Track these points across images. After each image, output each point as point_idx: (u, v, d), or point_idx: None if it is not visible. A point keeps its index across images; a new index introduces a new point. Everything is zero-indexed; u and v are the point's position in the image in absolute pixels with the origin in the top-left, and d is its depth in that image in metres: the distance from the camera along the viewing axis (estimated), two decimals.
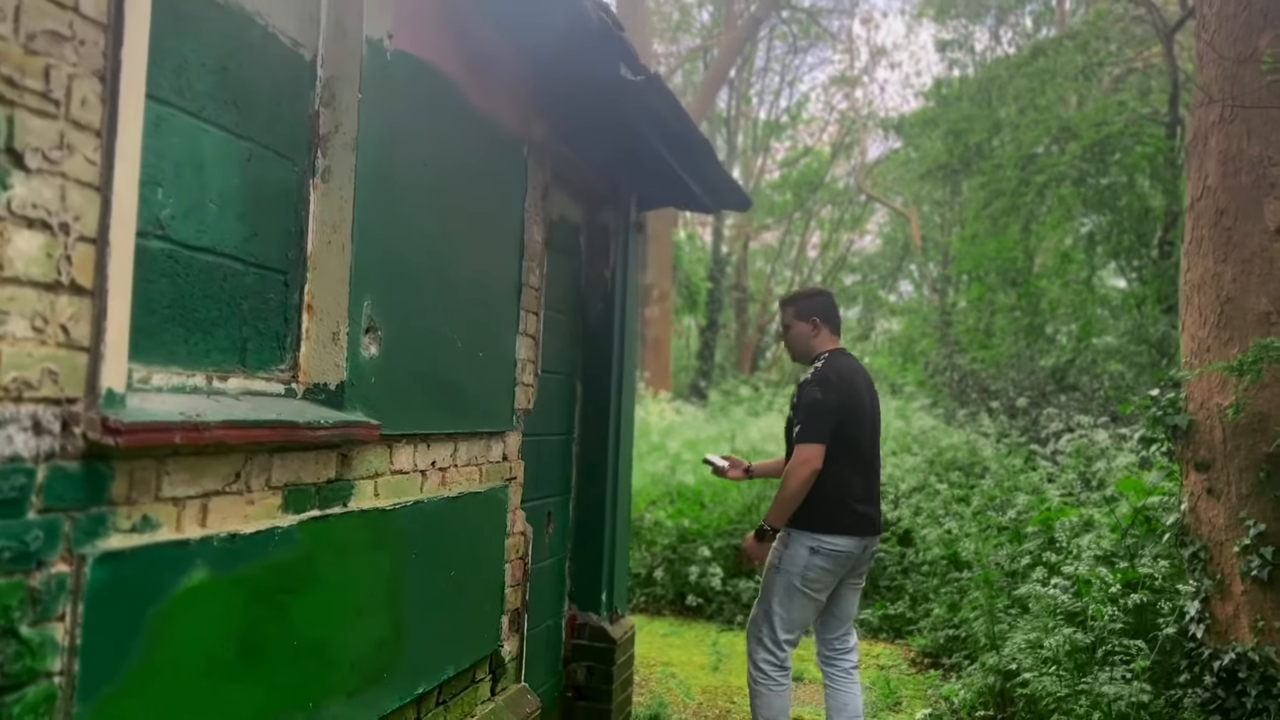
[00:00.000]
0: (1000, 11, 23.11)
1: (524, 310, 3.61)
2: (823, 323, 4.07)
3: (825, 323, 4.08)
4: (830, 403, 3.80)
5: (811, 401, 3.81)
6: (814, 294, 4.20)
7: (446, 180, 2.94)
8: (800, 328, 4.08)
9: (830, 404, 3.80)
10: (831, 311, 4.13)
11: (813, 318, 4.06)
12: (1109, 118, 11.53)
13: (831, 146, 31.64)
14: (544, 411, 4.25)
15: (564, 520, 4.63)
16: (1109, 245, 12.25)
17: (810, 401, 3.81)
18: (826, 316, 4.09)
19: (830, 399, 3.80)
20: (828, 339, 4.08)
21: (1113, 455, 6.55)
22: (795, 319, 4.10)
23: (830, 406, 3.80)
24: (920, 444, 8.33)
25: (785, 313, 4.16)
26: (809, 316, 4.07)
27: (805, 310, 4.09)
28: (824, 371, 3.90)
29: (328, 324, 2.46)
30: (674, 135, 3.95)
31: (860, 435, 3.93)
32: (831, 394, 3.82)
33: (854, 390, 3.93)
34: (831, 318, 4.11)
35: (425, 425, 2.86)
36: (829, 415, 3.79)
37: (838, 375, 3.89)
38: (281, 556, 2.21)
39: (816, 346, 4.06)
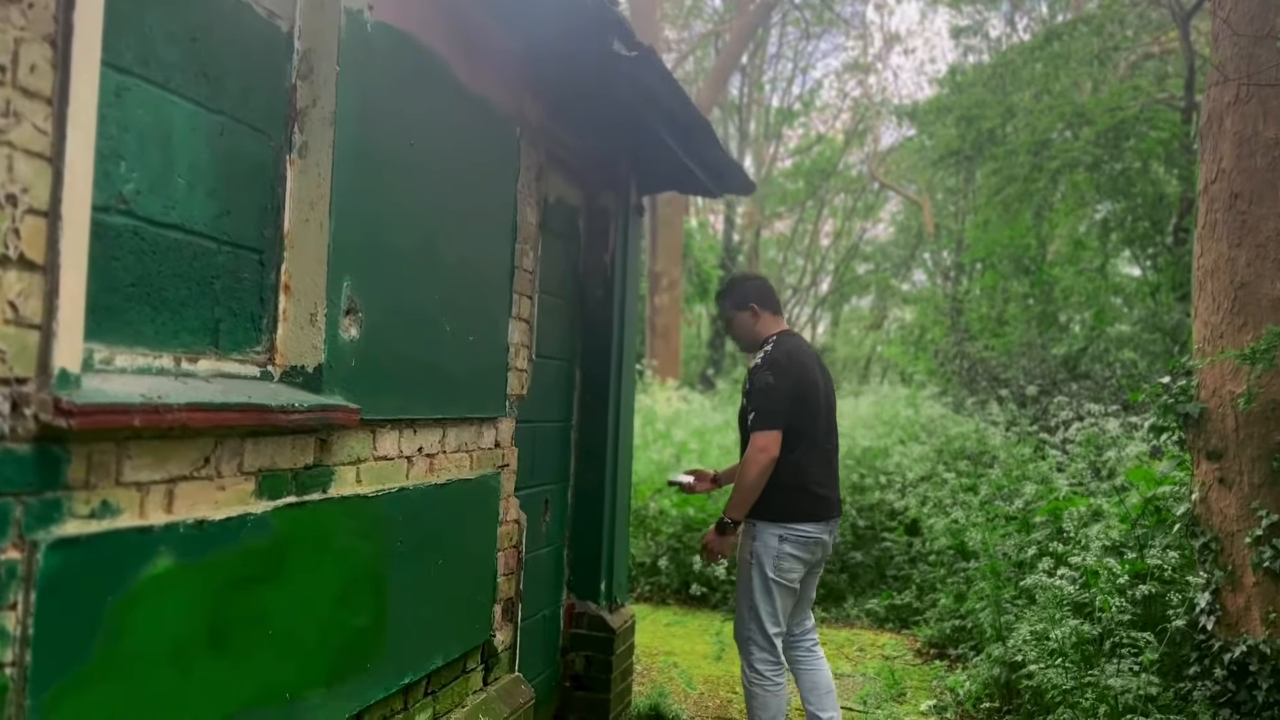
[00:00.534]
0: None
1: (517, 294, 3.53)
2: (761, 307, 4.00)
3: (764, 307, 4.01)
4: (783, 387, 3.73)
5: (765, 387, 3.73)
6: (745, 280, 4.12)
7: (433, 159, 2.86)
8: (740, 317, 4.02)
9: (783, 388, 3.73)
10: (768, 295, 4.05)
11: (750, 304, 3.99)
12: (1123, 103, 11.37)
13: (845, 134, 31.42)
14: (541, 398, 4.18)
15: (562, 508, 4.56)
16: (1123, 232, 12.10)
17: (763, 387, 3.73)
18: (763, 301, 4.02)
19: (783, 383, 3.73)
20: (771, 322, 4.01)
21: (1123, 444, 6.44)
22: (733, 309, 4.03)
23: (784, 391, 3.73)
24: (928, 432, 8.23)
25: (722, 306, 4.10)
26: (745, 304, 4.00)
27: (741, 298, 4.02)
28: (774, 355, 3.82)
29: (305, 305, 2.39)
30: (671, 115, 3.86)
31: (816, 417, 3.88)
32: (784, 378, 3.74)
33: (806, 372, 3.86)
34: (769, 301, 4.04)
35: (411, 410, 2.79)
36: (783, 400, 3.72)
37: (788, 358, 3.82)
38: (255, 544, 2.15)
39: (761, 331, 3.99)
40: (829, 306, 34.37)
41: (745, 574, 3.83)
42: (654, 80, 3.52)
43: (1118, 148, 10.79)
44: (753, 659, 3.85)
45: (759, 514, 3.78)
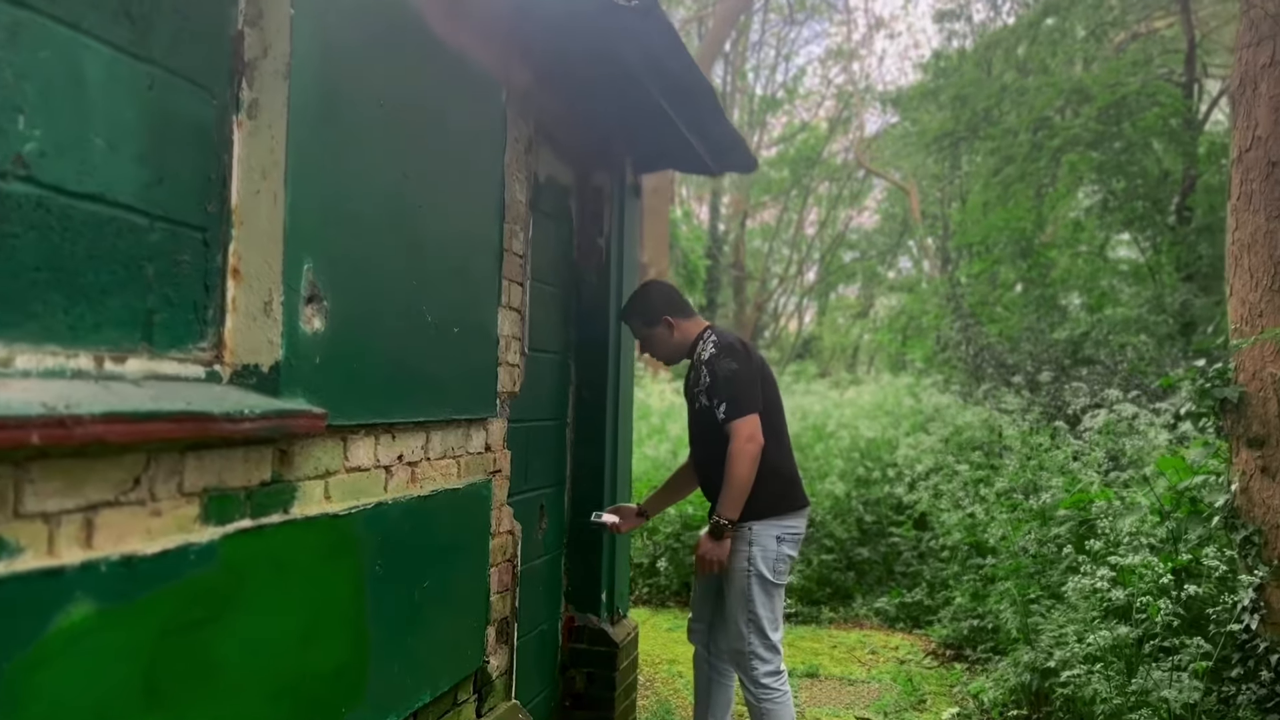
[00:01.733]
0: None
1: (507, 280, 3.17)
2: (675, 316, 3.66)
3: (677, 314, 3.67)
4: (750, 372, 3.43)
5: (729, 374, 3.40)
6: (651, 293, 3.74)
7: (408, 124, 2.49)
8: (655, 334, 3.68)
9: (751, 372, 3.44)
10: (675, 300, 3.72)
11: (662, 317, 3.65)
12: (1122, 78, 11.05)
13: (829, 122, 31.11)
14: (533, 395, 3.82)
15: (558, 514, 4.20)
16: (1122, 212, 11.79)
17: (728, 374, 3.40)
18: (674, 308, 3.69)
19: (746, 367, 3.43)
20: (690, 325, 3.68)
21: (1146, 431, 6.12)
22: (645, 327, 3.69)
23: (752, 375, 3.43)
24: (936, 422, 7.91)
25: (633, 328, 3.77)
26: (657, 318, 3.66)
27: (650, 314, 3.67)
28: (723, 342, 3.50)
29: (258, 292, 2.02)
30: (674, 79, 3.49)
31: (777, 400, 3.63)
32: (745, 361, 3.44)
33: (757, 354, 3.60)
34: (679, 307, 3.71)
35: (389, 413, 2.43)
36: (753, 384, 3.43)
37: (740, 343, 3.53)
38: (200, 578, 1.78)
39: (685, 339, 3.66)
40: (815, 295, 34.11)
41: (741, 583, 3.48)
42: (657, 37, 3.16)
43: (1118, 125, 10.47)
44: (756, 673, 3.50)
45: (752, 513, 3.45)
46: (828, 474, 7.77)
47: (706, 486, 3.70)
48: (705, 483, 3.71)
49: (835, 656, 6.05)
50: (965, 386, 8.88)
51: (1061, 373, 8.25)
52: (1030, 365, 8.57)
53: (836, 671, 5.73)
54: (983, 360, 9.06)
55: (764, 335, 31.43)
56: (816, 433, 8.67)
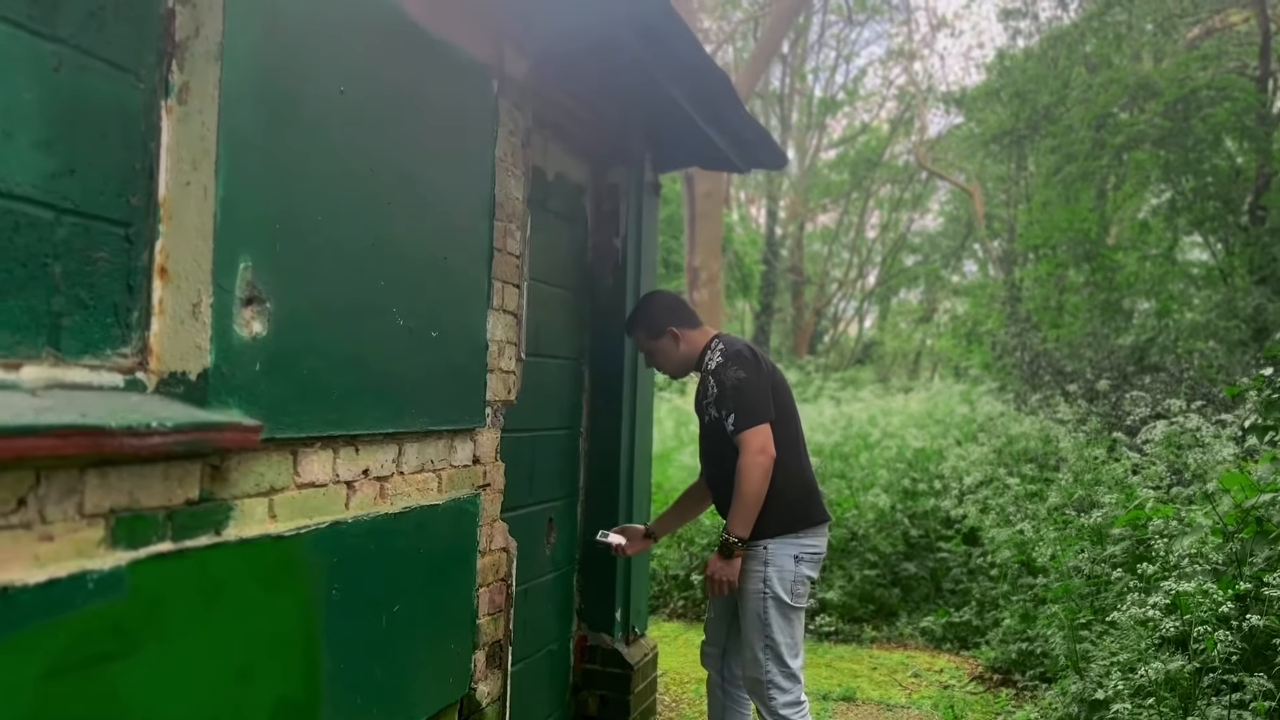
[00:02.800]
0: None
1: (499, 281, 2.97)
2: (680, 327, 3.41)
3: (683, 325, 3.42)
4: (760, 380, 3.19)
5: (737, 383, 3.17)
6: (654, 304, 3.50)
7: (375, 111, 2.31)
8: (659, 345, 3.44)
9: (760, 381, 3.19)
10: (680, 310, 3.47)
11: (667, 329, 3.40)
12: (1191, 73, 10.54)
13: (890, 123, 30.60)
14: (539, 403, 3.63)
15: (570, 527, 4.00)
16: (1192, 213, 11.25)
17: (736, 383, 3.17)
18: (679, 319, 3.43)
19: (755, 375, 3.19)
20: (696, 336, 3.42)
21: (1210, 445, 5.72)
22: (650, 339, 3.45)
23: (762, 383, 3.19)
24: (986, 432, 7.55)
25: (637, 341, 3.53)
26: (662, 330, 3.41)
27: (654, 325, 3.43)
28: (730, 350, 3.25)
29: (186, 293, 1.85)
30: (681, 65, 3.27)
31: (792, 408, 3.38)
32: (754, 369, 3.20)
33: (768, 362, 3.35)
34: (684, 317, 3.45)
35: (350, 424, 2.25)
36: (764, 391, 3.19)
37: (749, 350, 3.28)
38: (102, 609, 1.61)
39: (690, 350, 3.41)
40: (876, 300, 33.55)
41: (756, 607, 3.24)
42: (658, 18, 2.94)
43: (1186, 121, 9.98)
44: (774, 704, 3.25)
45: (766, 531, 3.20)
46: (872, 485, 7.46)
47: (720, 504, 3.47)
48: (719, 500, 3.48)
49: (875, 679, 5.75)
50: (1020, 395, 8.48)
51: (1123, 380, 7.83)
52: (1089, 373, 8.15)
53: (875, 695, 5.44)
54: (1039, 367, 8.65)
55: (823, 340, 30.98)
56: (861, 442, 8.36)
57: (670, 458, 8.39)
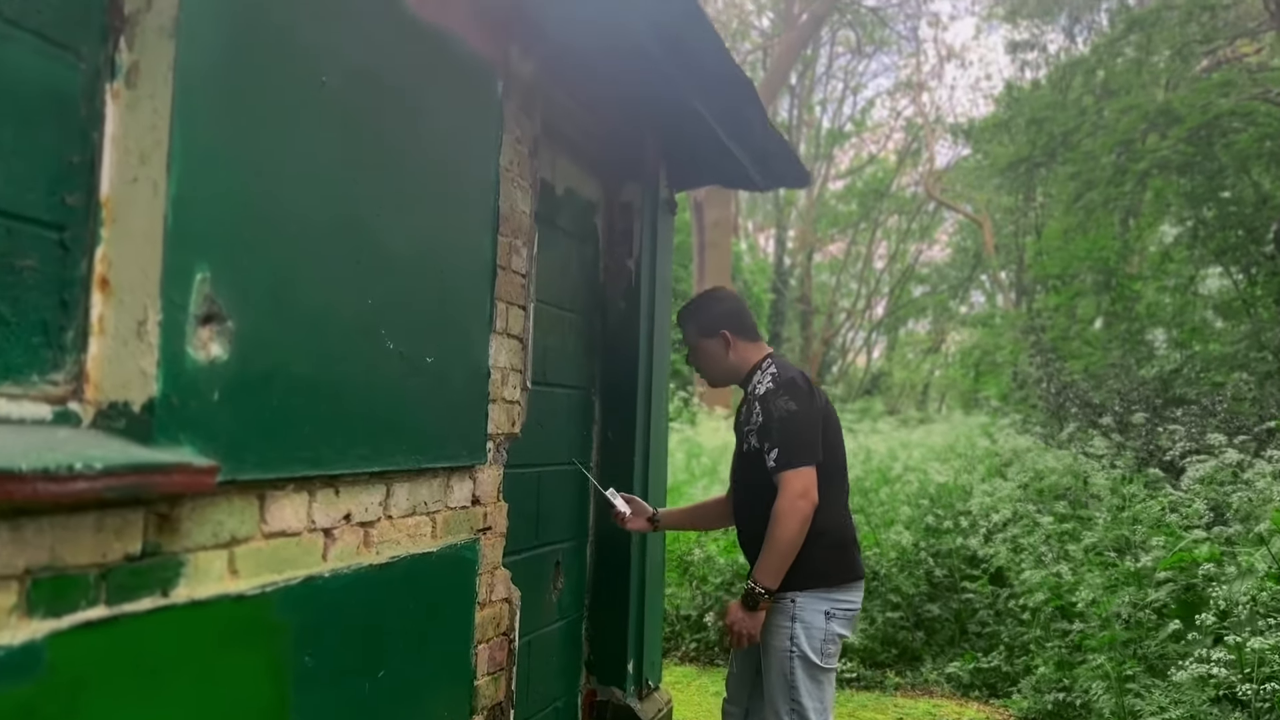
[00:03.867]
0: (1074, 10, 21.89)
1: (503, 302, 2.69)
2: (736, 334, 3.07)
3: (739, 334, 3.08)
4: (811, 415, 2.85)
5: (786, 415, 2.83)
6: (715, 301, 3.18)
7: (362, 107, 2.03)
8: (708, 346, 3.10)
9: (812, 416, 2.86)
10: (743, 318, 3.13)
11: (721, 331, 3.07)
12: (1212, 99, 10.29)
13: (898, 154, 30.50)
14: (546, 435, 3.34)
15: (578, 571, 3.69)
16: (1214, 242, 10.95)
17: (785, 415, 2.83)
18: (738, 326, 3.10)
19: (808, 409, 2.86)
20: (750, 349, 3.09)
21: (1254, 481, 5.40)
22: (699, 336, 3.11)
23: (812, 419, 2.85)
24: (1013, 467, 7.22)
25: (686, 332, 3.17)
26: (715, 330, 3.07)
27: (708, 323, 3.09)
28: (784, 376, 2.92)
29: (131, 308, 1.56)
30: (704, 71, 3.00)
31: (841, 449, 3.06)
32: (807, 402, 2.86)
33: (822, 396, 3.01)
34: (744, 326, 3.12)
35: (329, 462, 1.95)
36: (814, 429, 2.85)
37: (804, 379, 2.94)
38: (11, 697, 1.31)
39: (741, 362, 3.08)
40: (885, 330, 33.30)
41: (782, 666, 2.91)
42: (678, 17, 2.68)
43: (1210, 147, 9.71)
44: None
45: (795, 583, 2.88)
46: (893, 522, 7.13)
47: (745, 541, 3.14)
48: (743, 535, 3.15)
49: None
50: (1047, 428, 8.15)
51: (1153, 413, 7.51)
52: (1119, 405, 7.83)
53: None
54: (1066, 399, 8.33)
55: (831, 370, 30.70)
56: (881, 476, 8.03)
57: (681, 491, 8.07)
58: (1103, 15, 21.28)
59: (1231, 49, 13.74)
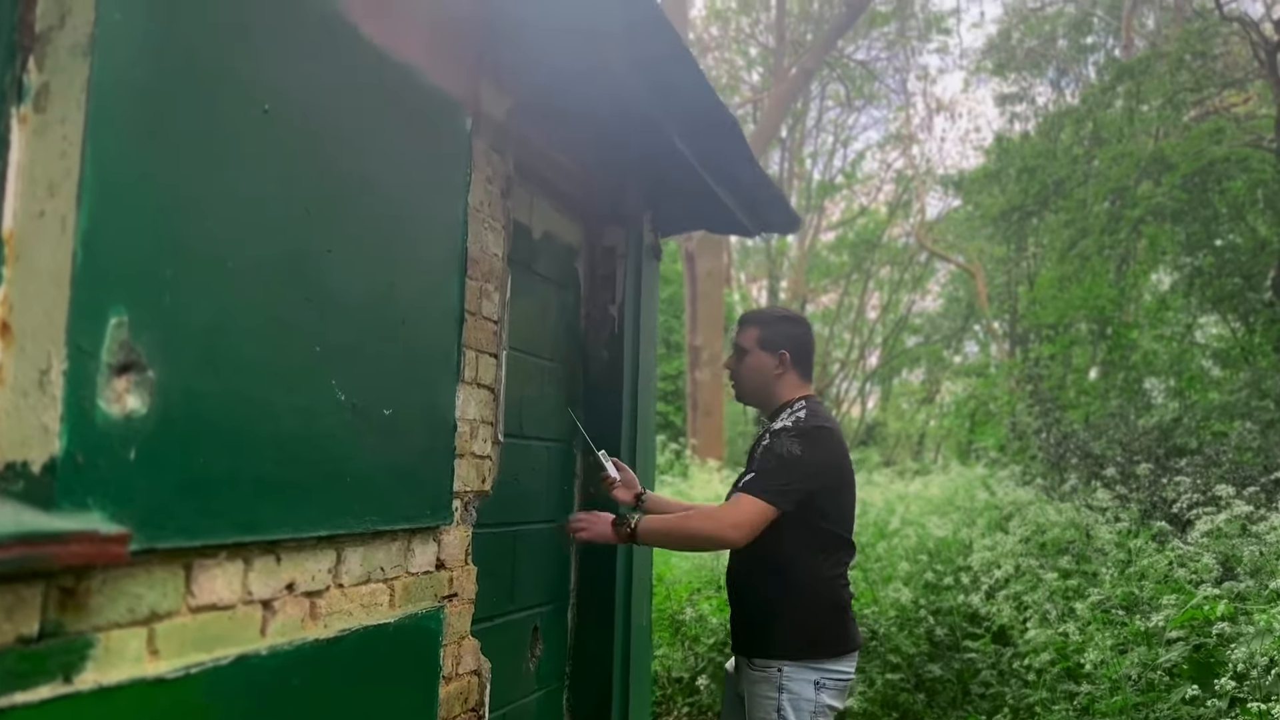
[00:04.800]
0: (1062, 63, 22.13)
1: (472, 350, 2.52)
2: (793, 361, 2.89)
3: (796, 363, 2.90)
4: (809, 466, 2.65)
5: (785, 455, 2.65)
6: (791, 321, 3.01)
7: (312, 139, 1.88)
8: (761, 360, 2.90)
9: (809, 468, 2.65)
10: (808, 350, 2.96)
11: (781, 350, 2.88)
12: (1204, 147, 10.26)
13: (888, 205, 30.65)
14: (523, 492, 3.15)
15: (559, 636, 3.48)
16: (1211, 289, 10.85)
17: (784, 454, 2.65)
18: (799, 354, 2.91)
19: (811, 460, 2.65)
20: (796, 384, 2.90)
21: (1265, 535, 5.20)
22: (758, 346, 2.91)
23: (809, 471, 2.64)
24: (1014, 520, 7.01)
25: (744, 334, 2.96)
26: (776, 348, 2.88)
27: (772, 338, 2.90)
28: (809, 423, 2.72)
29: (33, 356, 1.39)
30: (682, 105, 2.87)
31: (851, 518, 2.83)
32: (815, 453, 2.66)
33: (844, 456, 2.80)
34: (805, 357, 2.94)
35: (268, 526, 1.77)
36: (803, 482, 2.64)
37: (830, 435, 2.74)
38: None
39: (780, 392, 2.89)
40: (878, 380, 33.18)
41: None
42: (659, 54, 2.55)
43: (1205, 193, 9.65)
44: None
45: (784, 651, 2.67)
46: (891, 578, 6.90)
47: (734, 597, 2.92)
48: (732, 590, 2.93)
49: None
50: (1048, 479, 7.97)
51: (1157, 464, 7.33)
52: (1121, 456, 7.65)
53: None
54: (1066, 450, 8.16)
55: None
56: (878, 530, 7.81)
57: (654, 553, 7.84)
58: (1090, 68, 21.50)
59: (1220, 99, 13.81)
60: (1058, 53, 21.85)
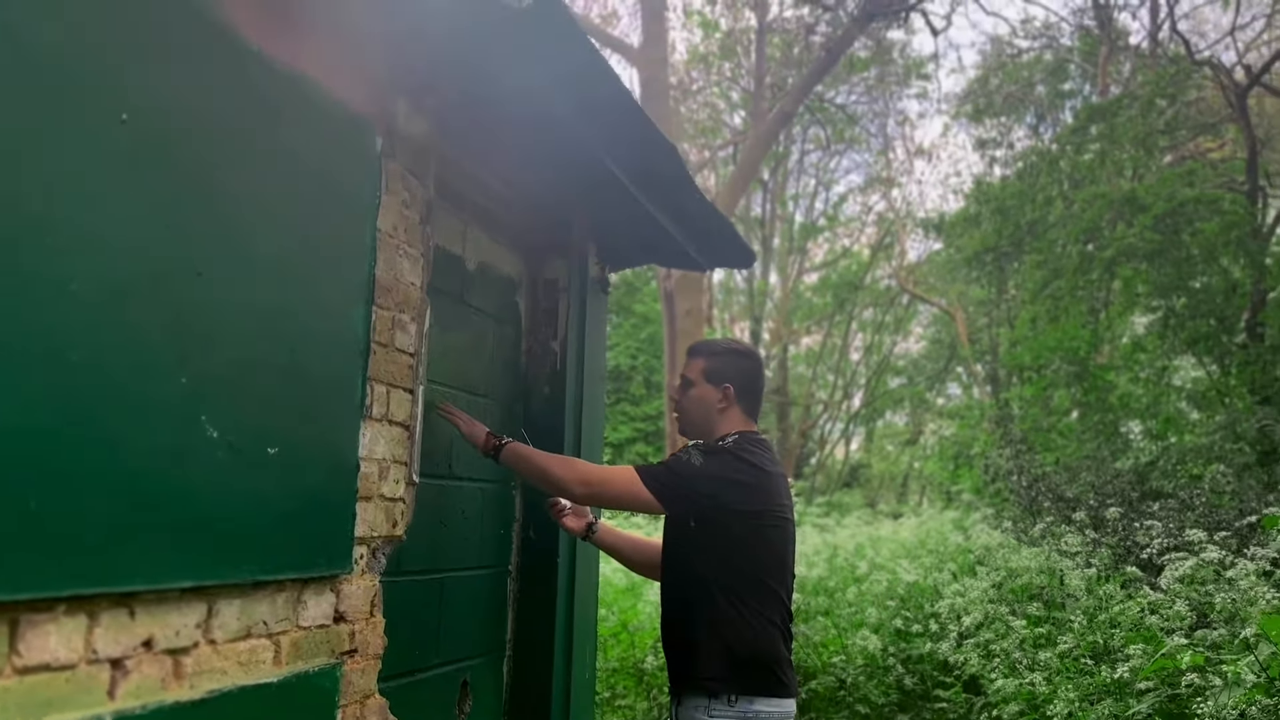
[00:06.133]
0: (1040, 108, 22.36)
1: (380, 384, 2.36)
2: (737, 396, 2.79)
3: (741, 397, 2.80)
4: (701, 477, 2.58)
5: (685, 459, 2.62)
6: (739, 354, 2.90)
7: (180, 153, 1.73)
8: (705, 392, 2.80)
9: (701, 478, 2.57)
10: (754, 385, 2.86)
11: (726, 384, 2.78)
12: (1176, 189, 10.26)
13: (870, 248, 30.76)
14: (452, 536, 2.98)
15: (494, 690, 3.29)
16: (1186, 332, 10.80)
17: (683, 459, 2.63)
18: (745, 389, 2.81)
19: (709, 475, 2.58)
20: (738, 419, 2.80)
21: (1238, 581, 5.05)
22: (703, 378, 2.82)
23: (698, 478, 2.57)
24: (985, 565, 6.85)
25: (690, 365, 2.88)
26: (721, 381, 2.79)
27: (719, 370, 2.80)
28: (739, 449, 2.65)
29: None
30: (611, 124, 2.74)
31: (783, 568, 2.67)
32: (716, 471, 2.59)
33: (772, 500, 2.66)
34: (751, 392, 2.84)
35: (118, 575, 1.59)
36: (689, 486, 2.57)
37: (748, 467, 2.62)
38: None
39: (720, 426, 2.78)
40: (862, 421, 33.08)
41: None
42: (592, 78, 2.42)
43: (1177, 235, 9.62)
44: None
45: (710, 684, 2.50)
46: (860, 625, 6.71)
47: (664, 636, 2.76)
48: (663, 630, 2.76)
49: None
50: (1020, 523, 7.82)
51: (1129, 507, 7.19)
52: (1093, 499, 7.52)
53: None
54: (1038, 492, 8.02)
55: (810, 461, 30.34)
56: (849, 574, 7.63)
57: (638, 592, 7.64)
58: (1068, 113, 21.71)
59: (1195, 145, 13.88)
60: (1035, 98, 22.07)
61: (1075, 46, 19.68)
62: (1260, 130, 10.88)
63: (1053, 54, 21.25)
